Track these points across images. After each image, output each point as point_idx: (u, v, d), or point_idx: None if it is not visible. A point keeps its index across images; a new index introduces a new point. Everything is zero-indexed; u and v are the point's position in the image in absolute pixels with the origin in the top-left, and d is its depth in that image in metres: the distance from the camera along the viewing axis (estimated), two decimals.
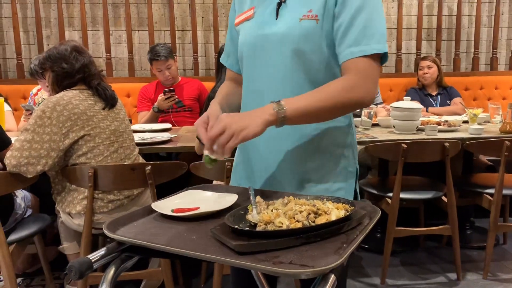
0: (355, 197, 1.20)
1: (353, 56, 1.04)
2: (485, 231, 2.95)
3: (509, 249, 2.89)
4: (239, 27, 1.22)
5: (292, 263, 0.74)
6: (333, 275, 0.73)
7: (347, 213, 0.88)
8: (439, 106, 3.67)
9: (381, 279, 2.47)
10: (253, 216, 0.90)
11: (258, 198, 0.98)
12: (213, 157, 0.97)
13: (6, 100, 3.29)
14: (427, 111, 3.48)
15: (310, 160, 1.14)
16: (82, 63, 2.01)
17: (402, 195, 2.42)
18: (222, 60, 1.35)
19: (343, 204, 0.94)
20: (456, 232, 2.46)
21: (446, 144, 2.35)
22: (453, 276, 2.52)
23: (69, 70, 2.00)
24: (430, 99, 3.70)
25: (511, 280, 2.49)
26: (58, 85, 2.03)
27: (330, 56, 1.10)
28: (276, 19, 1.12)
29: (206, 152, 0.97)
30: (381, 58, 1.07)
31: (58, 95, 1.96)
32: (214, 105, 1.13)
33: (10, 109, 3.22)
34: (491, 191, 2.49)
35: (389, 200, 2.43)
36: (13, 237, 2.05)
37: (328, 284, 0.72)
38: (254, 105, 1.10)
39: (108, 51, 3.92)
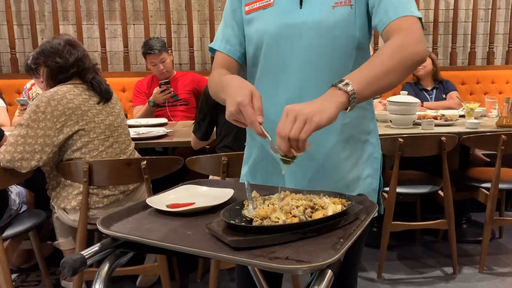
0: (380, 183, 1.19)
1: (391, 19, 1.02)
2: (481, 225, 2.95)
3: (505, 243, 2.90)
4: (252, 15, 1.16)
5: (288, 259, 0.73)
6: (330, 271, 0.72)
7: (344, 208, 0.87)
8: (434, 100, 3.67)
9: (378, 273, 2.47)
10: (249, 211, 0.89)
11: (254, 193, 0.97)
12: (289, 154, 0.86)
13: (0, 95, 3.26)
14: (422, 106, 3.47)
15: (342, 150, 1.12)
16: (76, 57, 1.99)
17: (399, 190, 2.42)
18: (217, 45, 1.21)
19: (340, 199, 0.93)
20: (452, 227, 2.46)
21: (443, 138, 2.34)
22: (449, 270, 2.53)
23: (63, 64, 1.97)
24: (425, 93, 3.69)
25: (507, 274, 2.50)
26: (53, 80, 2.01)
27: (361, 38, 1.10)
28: (300, 8, 1.10)
29: (279, 154, 0.87)
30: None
31: (52, 90, 1.93)
32: (240, 80, 1.00)
33: (4, 104, 3.19)
34: (488, 185, 2.49)
35: (385, 195, 2.43)
36: (7, 232, 2.04)
37: (325, 280, 0.71)
38: (283, 95, 1.07)
39: (103, 45, 3.89)
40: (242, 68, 1.24)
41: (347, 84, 0.90)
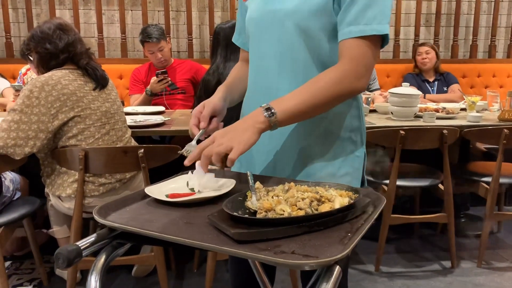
0: (362, 184, 1.16)
1: (351, 35, 0.98)
2: (480, 219, 2.95)
3: (503, 238, 2.90)
4: (247, 2, 1.18)
5: (294, 253, 0.70)
6: (338, 267, 0.69)
7: (351, 201, 0.84)
8: (436, 92, 3.64)
9: (375, 267, 2.46)
10: (252, 202, 0.85)
11: (258, 184, 0.93)
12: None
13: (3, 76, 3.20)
14: (424, 98, 3.44)
15: (316, 144, 1.09)
16: (66, 42, 1.92)
17: (399, 183, 2.39)
18: (234, 39, 1.30)
19: (347, 191, 0.89)
20: (452, 220, 2.44)
21: (445, 131, 2.31)
22: (447, 264, 2.52)
23: (53, 50, 1.91)
24: (427, 85, 3.66)
25: (505, 268, 2.49)
26: (44, 67, 1.95)
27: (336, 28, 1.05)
28: None
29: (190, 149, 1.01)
30: (382, 40, 1.01)
31: (46, 75, 1.88)
32: (217, 94, 1.14)
33: (9, 85, 3.12)
34: (488, 179, 2.47)
35: (385, 187, 2.40)
36: (1, 220, 2.00)
37: (333, 276, 0.68)
38: (261, 84, 1.08)
39: (100, 31, 3.82)
40: None
41: (273, 113, 0.95)
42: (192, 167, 1.04)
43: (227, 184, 0.98)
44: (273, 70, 1.09)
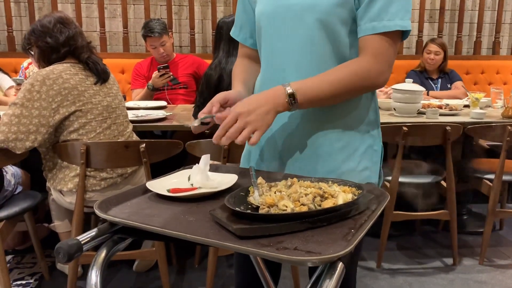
0: (380, 178, 1.14)
1: (374, 31, 0.99)
2: (482, 216, 2.93)
3: (506, 235, 2.89)
4: None
5: (297, 249, 0.69)
6: (341, 263, 0.68)
7: (355, 197, 0.83)
8: (440, 90, 3.61)
9: (377, 263, 2.45)
10: (254, 198, 0.84)
11: (260, 179, 0.92)
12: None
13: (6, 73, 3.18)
14: (428, 95, 3.42)
15: (336, 140, 1.07)
16: (67, 36, 1.91)
17: (401, 179, 2.38)
18: (233, 34, 1.24)
19: (350, 187, 0.88)
20: (454, 217, 2.43)
21: (448, 128, 2.30)
22: (449, 261, 2.51)
23: (54, 44, 1.90)
24: (431, 82, 3.64)
25: (508, 266, 2.48)
26: (45, 61, 1.94)
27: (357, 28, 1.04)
28: None
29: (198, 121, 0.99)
30: (402, 34, 1.02)
31: (48, 69, 1.87)
32: (234, 89, 1.12)
33: (13, 83, 3.10)
34: (491, 176, 2.46)
35: (387, 184, 2.39)
36: (2, 214, 2.00)
37: (337, 273, 0.67)
38: (275, 81, 1.03)
39: (102, 25, 3.81)
40: None
41: (294, 101, 0.96)
42: (193, 162, 1.03)
43: (229, 179, 0.98)
44: (288, 66, 1.06)
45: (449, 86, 3.62)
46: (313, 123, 1.07)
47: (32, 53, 2.00)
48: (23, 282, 2.24)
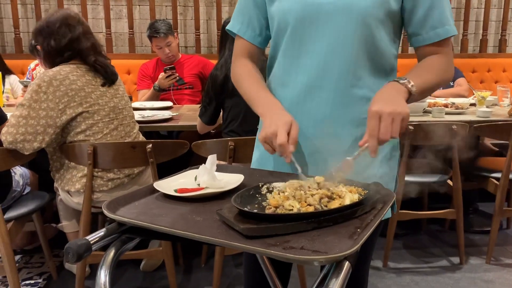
0: (396, 183, 1.13)
1: (440, 38, 1.04)
2: (488, 215, 2.92)
3: None
4: None
5: (303, 249, 0.70)
6: (347, 262, 0.68)
7: (361, 197, 0.83)
8: (443, 88, 3.59)
9: (383, 262, 2.45)
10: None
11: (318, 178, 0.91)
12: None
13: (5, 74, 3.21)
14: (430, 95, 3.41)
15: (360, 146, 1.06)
16: (69, 39, 1.90)
17: (407, 178, 2.38)
18: (239, 31, 1.14)
19: (356, 187, 0.89)
20: (460, 216, 2.42)
21: (454, 126, 2.29)
22: (456, 260, 2.50)
23: (57, 47, 1.90)
24: None
25: None
26: (50, 63, 1.95)
27: (394, 28, 1.06)
28: None
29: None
30: None
31: (55, 69, 1.89)
32: (282, 109, 1.03)
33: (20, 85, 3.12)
34: (498, 175, 2.45)
35: None
36: (11, 214, 2.02)
37: (343, 272, 0.67)
38: (303, 82, 1.03)
39: (108, 26, 3.83)
40: (262, 52, 1.19)
41: (412, 85, 0.96)
42: (199, 162, 1.03)
43: (236, 179, 0.98)
44: (318, 67, 1.03)
45: (452, 84, 3.60)
46: (338, 130, 1.05)
47: (39, 52, 2.01)
48: (32, 281, 2.26)
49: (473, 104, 2.85)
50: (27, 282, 2.26)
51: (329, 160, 1.00)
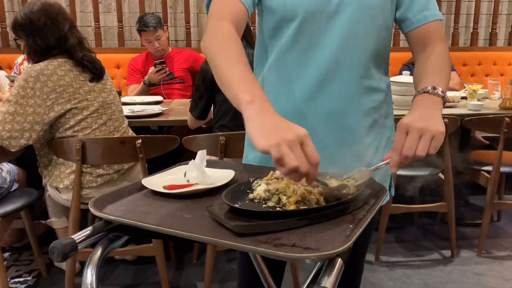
0: (391, 180, 1.15)
1: (427, 20, 1.05)
2: (479, 208, 2.94)
3: (503, 227, 2.89)
4: None
5: (295, 246, 0.68)
6: (340, 259, 0.67)
7: (354, 191, 0.82)
8: None
9: (376, 256, 2.45)
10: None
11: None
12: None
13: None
14: None
15: (367, 136, 1.06)
16: (58, 37, 1.86)
17: (399, 172, 2.37)
18: None
19: (347, 180, 0.87)
20: (452, 210, 2.43)
21: (445, 120, 2.29)
22: (447, 253, 2.51)
23: (44, 46, 1.86)
24: None
25: (505, 257, 2.48)
26: (35, 58, 1.90)
27: (392, 18, 1.07)
28: None
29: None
30: None
31: (42, 64, 1.84)
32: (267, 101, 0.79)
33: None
34: (489, 168, 2.46)
35: None
36: None
37: (335, 269, 0.66)
38: (308, 77, 1.01)
39: (96, 20, 3.77)
40: (246, 23, 1.08)
41: (443, 91, 0.93)
42: (190, 158, 1.01)
43: (226, 175, 0.96)
44: (330, 60, 1.01)
45: None
46: (348, 121, 1.05)
47: (20, 44, 1.96)
48: (21, 279, 2.23)
49: (464, 98, 2.85)
50: (16, 280, 2.23)
51: (336, 157, 0.99)
